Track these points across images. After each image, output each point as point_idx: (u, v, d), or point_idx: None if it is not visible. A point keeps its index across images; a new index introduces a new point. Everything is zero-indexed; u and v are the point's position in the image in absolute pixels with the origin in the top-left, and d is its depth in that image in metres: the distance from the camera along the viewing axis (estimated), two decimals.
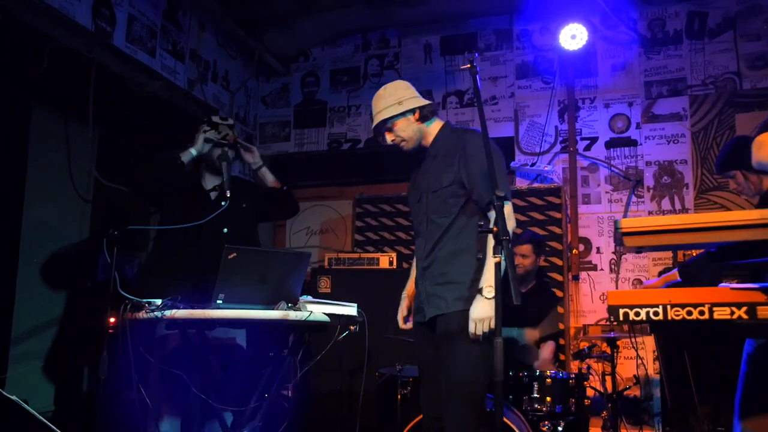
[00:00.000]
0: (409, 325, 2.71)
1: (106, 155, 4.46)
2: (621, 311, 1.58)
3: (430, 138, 2.63)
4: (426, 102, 2.62)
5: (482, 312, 2.24)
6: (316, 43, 5.82)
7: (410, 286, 2.77)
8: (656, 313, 1.55)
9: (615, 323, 1.65)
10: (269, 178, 3.43)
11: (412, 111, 2.57)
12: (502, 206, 1.91)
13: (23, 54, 3.47)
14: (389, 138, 2.61)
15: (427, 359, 2.58)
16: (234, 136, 3.24)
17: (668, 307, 1.54)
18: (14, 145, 3.29)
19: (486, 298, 2.23)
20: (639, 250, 1.66)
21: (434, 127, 2.65)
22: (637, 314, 1.56)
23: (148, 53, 4.28)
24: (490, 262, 2.24)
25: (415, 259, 2.76)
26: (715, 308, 1.51)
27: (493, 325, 2.19)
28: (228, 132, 3.22)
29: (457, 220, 2.47)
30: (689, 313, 1.53)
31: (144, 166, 3.14)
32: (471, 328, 2.27)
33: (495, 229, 1.81)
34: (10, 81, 3.29)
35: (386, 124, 2.58)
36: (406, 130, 2.58)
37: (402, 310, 2.76)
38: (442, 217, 2.50)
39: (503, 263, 1.79)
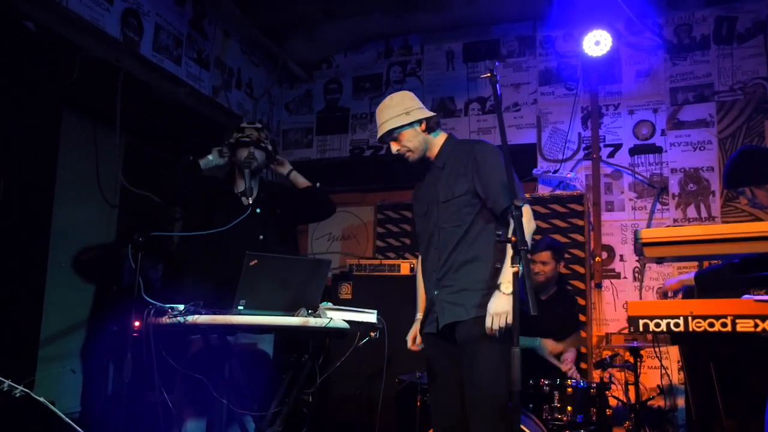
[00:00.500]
0: (417, 345, 2.70)
1: (132, 161, 4.54)
2: (641, 322, 1.57)
3: (435, 149, 2.65)
4: (432, 114, 2.64)
5: (499, 306, 2.23)
6: (339, 50, 5.87)
7: (422, 304, 2.73)
8: (677, 324, 1.54)
9: (636, 333, 1.64)
10: (300, 180, 3.49)
11: (419, 122, 2.58)
12: (521, 216, 1.90)
13: (56, 64, 3.57)
14: (395, 148, 2.63)
15: (440, 368, 2.57)
16: (257, 135, 3.28)
17: (690, 318, 1.53)
18: (45, 151, 3.38)
19: (504, 293, 2.22)
20: (660, 260, 1.64)
21: (439, 139, 2.67)
22: (658, 325, 1.55)
23: (174, 61, 4.35)
24: (508, 265, 2.23)
25: (420, 278, 2.74)
26: (738, 320, 1.49)
27: (510, 320, 2.19)
28: (252, 132, 3.28)
29: (471, 228, 2.48)
30: (711, 324, 1.51)
31: (168, 170, 3.20)
32: (488, 323, 2.26)
33: (513, 239, 1.81)
34: (43, 90, 3.38)
35: (392, 134, 2.60)
36: (413, 141, 2.59)
37: (413, 333, 2.72)
38: (456, 225, 2.51)
39: (521, 272, 1.78)
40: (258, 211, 3.12)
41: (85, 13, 3.56)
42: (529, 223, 2.35)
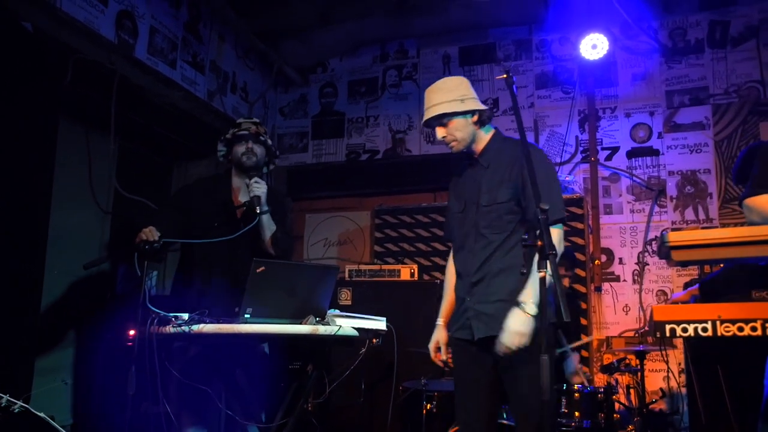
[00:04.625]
0: (441, 355, 2.56)
1: (126, 166, 4.46)
2: (668, 327, 1.53)
3: (481, 145, 2.49)
4: (486, 107, 2.48)
5: (520, 326, 2.12)
6: (335, 54, 5.83)
7: (446, 308, 2.60)
8: (705, 329, 1.50)
9: (659, 337, 1.60)
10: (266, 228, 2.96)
11: (473, 113, 2.43)
12: (547, 219, 1.82)
13: (49, 66, 3.48)
14: (440, 134, 2.46)
15: (469, 377, 2.42)
16: (256, 129, 3.05)
17: (718, 322, 1.50)
18: (41, 156, 3.29)
19: (527, 312, 2.11)
20: (685, 264, 1.61)
21: (488, 134, 2.51)
22: (685, 330, 1.52)
23: (168, 65, 4.29)
24: (534, 277, 2.12)
25: (449, 278, 2.61)
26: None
27: (528, 342, 2.11)
28: (250, 125, 3.06)
29: (511, 236, 2.35)
30: (740, 329, 1.48)
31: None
32: (504, 339, 2.13)
33: (540, 243, 1.75)
34: (38, 93, 3.30)
35: (442, 120, 2.43)
36: (462, 131, 2.44)
37: (435, 342, 2.58)
38: (496, 233, 2.37)
39: (548, 279, 1.71)
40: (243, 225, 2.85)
41: (79, 15, 3.49)
42: (558, 245, 2.24)
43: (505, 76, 1.99)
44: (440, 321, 2.59)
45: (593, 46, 4.81)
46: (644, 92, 4.99)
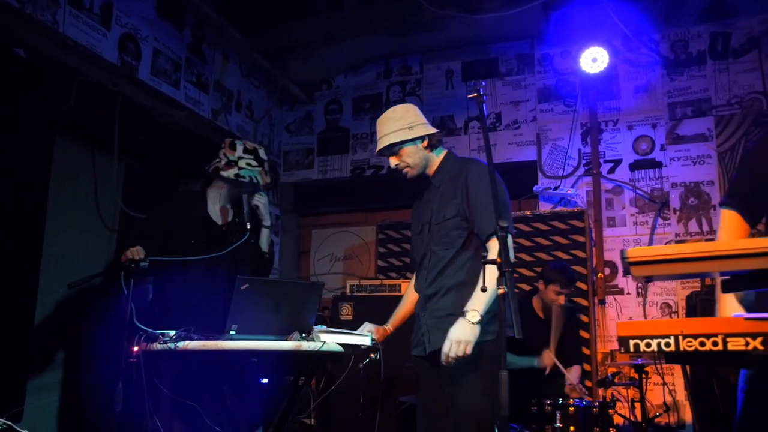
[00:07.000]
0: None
1: (131, 185, 4.55)
2: (631, 342, 1.53)
3: (434, 167, 2.58)
4: (435, 130, 2.56)
5: (461, 334, 2.15)
6: (339, 71, 5.90)
7: (395, 318, 2.75)
8: (668, 344, 1.50)
9: (627, 353, 1.61)
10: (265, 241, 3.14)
11: (422, 138, 2.51)
12: (506, 237, 1.85)
13: (53, 89, 3.59)
14: (393, 162, 2.57)
15: (426, 394, 2.51)
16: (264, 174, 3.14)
17: (680, 337, 1.49)
18: (36, 176, 3.38)
19: (469, 321, 2.15)
20: (648, 279, 1.62)
21: (440, 156, 2.60)
22: (648, 345, 1.51)
23: (172, 85, 4.38)
24: (479, 291, 2.16)
25: (406, 295, 2.75)
26: (728, 339, 1.45)
27: (469, 351, 2.14)
28: (265, 159, 3.15)
29: (461, 252, 2.41)
30: (702, 344, 1.47)
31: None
32: (445, 348, 2.16)
33: (499, 260, 1.77)
34: (38, 115, 3.40)
35: (393, 148, 2.53)
36: (413, 157, 2.52)
37: (367, 328, 2.67)
38: (445, 249, 2.44)
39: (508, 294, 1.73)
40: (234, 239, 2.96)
41: (82, 39, 3.60)
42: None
43: (475, 95, 2.02)
44: (387, 326, 2.71)
45: (593, 60, 4.83)
46: (646, 104, 4.98)
